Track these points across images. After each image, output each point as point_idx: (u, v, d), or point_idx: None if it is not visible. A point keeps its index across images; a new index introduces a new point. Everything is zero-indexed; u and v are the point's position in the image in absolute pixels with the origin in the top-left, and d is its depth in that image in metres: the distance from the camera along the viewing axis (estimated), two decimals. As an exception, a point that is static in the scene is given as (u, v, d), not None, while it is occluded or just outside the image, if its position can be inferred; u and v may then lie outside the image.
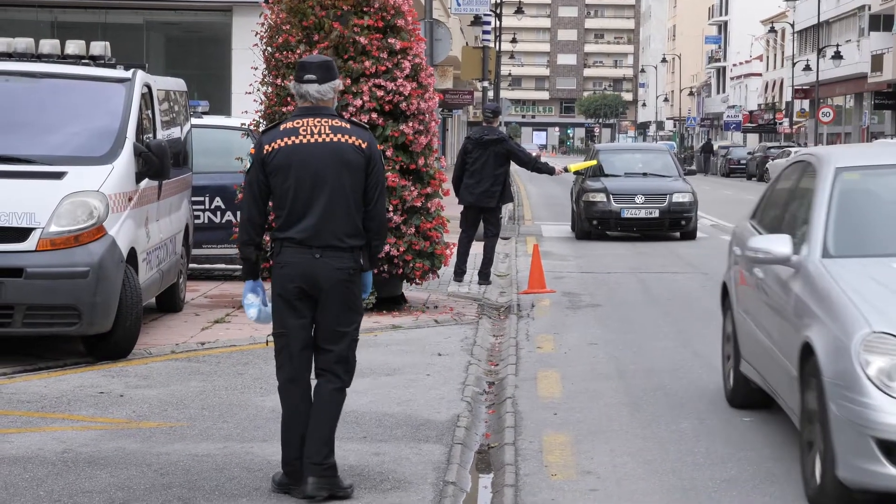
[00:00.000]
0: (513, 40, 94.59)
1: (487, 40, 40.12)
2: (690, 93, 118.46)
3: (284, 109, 12.85)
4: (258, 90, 13.36)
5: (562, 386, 10.09)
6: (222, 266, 16.57)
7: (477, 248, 16.87)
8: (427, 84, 13.49)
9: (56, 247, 9.98)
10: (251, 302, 6.80)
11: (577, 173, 24.35)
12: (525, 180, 54.19)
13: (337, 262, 6.60)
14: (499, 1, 50.37)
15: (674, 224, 24.55)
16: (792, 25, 75.45)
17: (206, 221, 15.43)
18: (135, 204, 10.91)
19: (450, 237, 14.48)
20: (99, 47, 11.98)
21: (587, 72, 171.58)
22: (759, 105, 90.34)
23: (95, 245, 10.11)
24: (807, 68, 65.43)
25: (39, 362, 10.31)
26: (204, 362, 10.53)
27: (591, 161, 23.75)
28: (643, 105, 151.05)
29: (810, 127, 68.99)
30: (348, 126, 6.70)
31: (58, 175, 10.37)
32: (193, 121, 14.55)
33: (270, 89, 13.25)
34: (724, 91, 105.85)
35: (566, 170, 18.06)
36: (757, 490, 7.11)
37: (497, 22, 49.74)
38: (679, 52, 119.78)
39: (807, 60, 67.44)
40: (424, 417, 8.65)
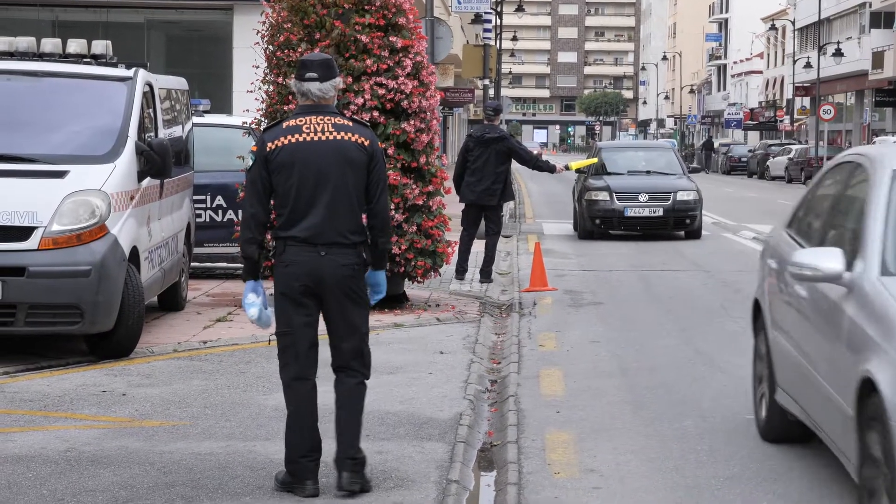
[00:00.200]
0: (513, 38, 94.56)
1: (488, 38, 40.08)
2: (691, 90, 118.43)
3: (286, 108, 12.85)
4: (259, 88, 13.37)
5: (564, 384, 10.09)
6: (224, 265, 16.57)
7: (478, 247, 16.87)
8: (428, 82, 13.49)
9: (58, 246, 9.97)
10: (252, 301, 6.76)
11: (579, 171, 24.37)
12: (526, 178, 54.16)
13: (342, 259, 6.61)
14: (499, -1, 50.35)
15: (678, 223, 24.00)
16: (793, 23, 75.43)
17: (208, 220, 15.43)
18: (137, 203, 10.91)
19: (451, 235, 14.48)
20: (100, 46, 11.97)
21: (588, 69, 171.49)
22: (760, 102, 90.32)
23: (97, 244, 10.10)
24: (807, 65, 65.40)
25: (42, 361, 10.31)
26: (206, 361, 10.53)
27: (593, 159, 23.49)
28: (644, 103, 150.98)
29: (811, 124, 68.97)
30: (350, 124, 6.73)
31: (60, 174, 10.36)
32: (195, 119, 14.56)
33: (272, 88, 13.25)
34: (725, 88, 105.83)
35: (567, 168, 18.05)
36: (760, 488, 7.10)
37: (498, 20, 49.71)
38: (680, 50, 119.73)
39: (807, 58, 67.41)
40: (427, 416, 8.64)
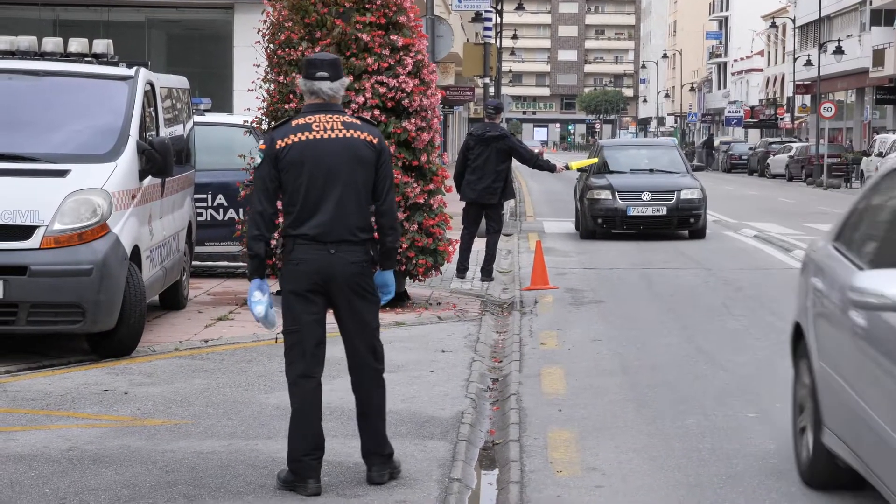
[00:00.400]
0: (514, 36, 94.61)
1: (488, 36, 40.00)
2: (691, 88, 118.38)
3: (287, 106, 12.86)
4: (260, 87, 13.37)
5: (566, 382, 10.09)
6: (225, 263, 16.57)
7: (479, 245, 16.87)
8: (429, 81, 13.49)
9: (60, 245, 9.96)
10: (258, 299, 6.73)
11: (581, 170, 24.29)
12: (526, 176, 54.16)
13: (351, 257, 6.65)
14: (499, -3, 50.31)
15: (682, 222, 23.48)
16: (793, 20, 75.39)
17: (209, 219, 15.43)
18: (138, 201, 10.90)
19: (452, 234, 14.48)
20: (102, 45, 11.97)
21: (588, 68, 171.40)
22: (761, 100, 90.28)
23: (99, 243, 10.10)
24: (808, 63, 65.33)
25: (43, 360, 10.31)
26: (208, 360, 10.53)
27: (593, 159, 23.29)
28: (644, 101, 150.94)
29: (811, 122, 68.94)
30: (359, 122, 6.79)
31: (61, 173, 10.36)
32: (196, 118, 14.56)
33: (273, 86, 13.25)
34: (725, 86, 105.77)
35: (567, 167, 18.04)
36: (762, 486, 7.09)
37: (498, 18, 49.69)
38: (680, 48, 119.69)
39: (808, 55, 67.37)
40: (429, 414, 8.64)
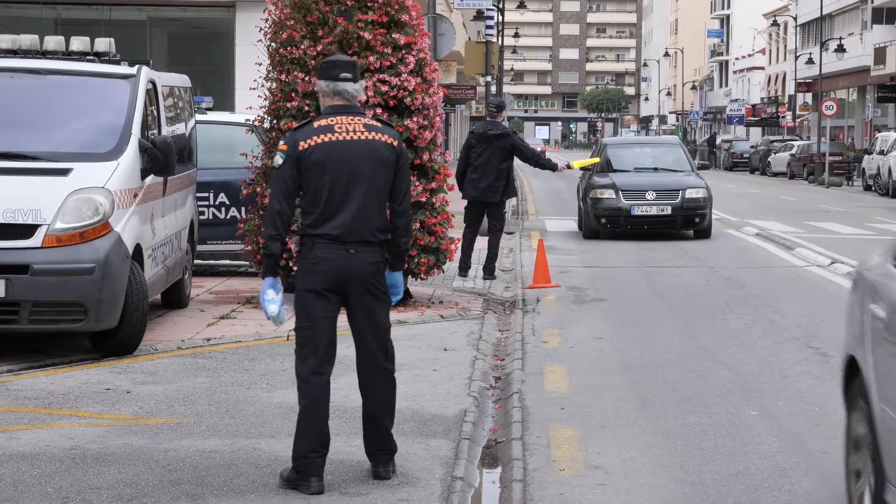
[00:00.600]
0: (515, 35, 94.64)
1: (490, 35, 40.03)
2: (693, 87, 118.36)
3: (289, 105, 12.85)
4: (262, 86, 13.36)
5: (568, 380, 10.09)
6: (227, 262, 16.57)
7: (481, 243, 16.87)
8: (431, 79, 13.47)
9: (62, 243, 9.96)
10: (272, 298, 6.72)
11: (583, 169, 24.24)
12: (528, 175, 54.15)
13: (370, 258, 6.72)
14: (501, -4, 50.32)
15: (687, 222, 22.99)
16: (794, 18, 75.38)
17: (211, 217, 15.43)
18: (140, 200, 10.90)
19: (454, 232, 14.47)
20: (103, 44, 11.96)
21: (589, 66, 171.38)
22: (762, 99, 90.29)
23: (101, 242, 10.10)
24: (809, 61, 65.30)
25: (46, 359, 10.31)
26: (210, 358, 10.53)
27: (595, 158, 23.08)
28: (646, 99, 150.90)
29: (813, 120, 68.88)
30: (379, 125, 6.86)
31: (63, 172, 10.36)
32: (197, 117, 14.55)
33: (274, 85, 13.24)
34: (727, 85, 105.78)
35: (569, 167, 18.02)
36: (765, 484, 7.09)
37: (499, 16, 49.70)
38: (681, 46, 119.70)
39: (809, 54, 67.32)
40: (431, 412, 8.64)
